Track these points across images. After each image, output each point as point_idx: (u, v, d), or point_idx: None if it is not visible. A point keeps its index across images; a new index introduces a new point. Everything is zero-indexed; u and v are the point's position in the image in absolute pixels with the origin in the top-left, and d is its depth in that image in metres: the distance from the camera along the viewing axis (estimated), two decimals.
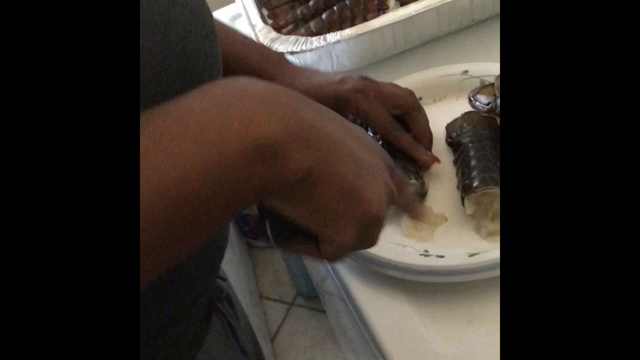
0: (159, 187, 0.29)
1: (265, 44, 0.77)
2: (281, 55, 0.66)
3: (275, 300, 1.73)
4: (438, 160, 0.63)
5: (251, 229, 1.80)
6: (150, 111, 0.31)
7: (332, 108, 0.41)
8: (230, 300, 0.60)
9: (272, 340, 1.62)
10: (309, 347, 1.59)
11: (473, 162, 0.59)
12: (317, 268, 0.73)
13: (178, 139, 0.30)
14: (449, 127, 0.65)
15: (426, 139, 0.63)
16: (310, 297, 1.67)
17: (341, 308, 0.68)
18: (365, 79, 0.61)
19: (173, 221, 0.30)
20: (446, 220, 0.59)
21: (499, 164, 0.59)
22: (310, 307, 1.68)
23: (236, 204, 0.32)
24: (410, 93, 0.62)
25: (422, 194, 0.61)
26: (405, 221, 0.58)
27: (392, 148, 0.61)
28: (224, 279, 0.63)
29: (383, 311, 0.55)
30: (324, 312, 1.61)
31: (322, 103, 0.41)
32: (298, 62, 0.76)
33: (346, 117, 0.56)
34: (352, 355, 0.67)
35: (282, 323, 1.66)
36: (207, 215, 0.31)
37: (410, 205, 0.46)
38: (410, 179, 0.60)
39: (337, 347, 1.54)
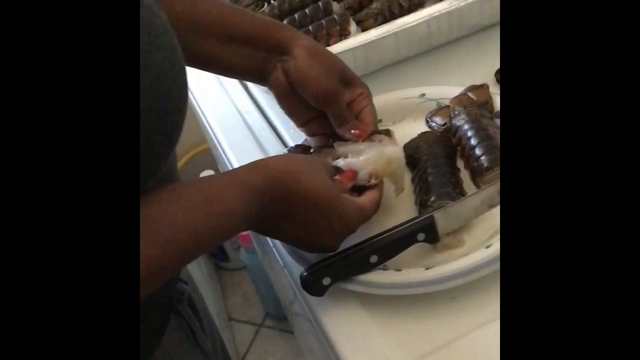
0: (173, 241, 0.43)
1: None
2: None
3: (244, 322, 1.72)
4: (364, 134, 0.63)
5: (220, 250, 1.80)
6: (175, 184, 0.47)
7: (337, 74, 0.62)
8: (192, 302, 0.62)
9: None
10: None
11: (430, 178, 0.62)
12: (285, 289, 0.74)
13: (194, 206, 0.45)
14: (407, 147, 0.68)
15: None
16: (279, 318, 1.67)
17: (308, 328, 0.70)
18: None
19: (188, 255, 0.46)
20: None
21: (453, 180, 0.62)
22: (279, 328, 1.68)
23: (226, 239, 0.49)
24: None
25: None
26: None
27: None
28: (186, 282, 0.64)
29: (344, 327, 0.56)
30: (292, 332, 1.61)
31: (333, 68, 0.62)
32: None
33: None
34: None
35: (250, 345, 1.66)
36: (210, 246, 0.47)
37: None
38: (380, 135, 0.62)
39: None
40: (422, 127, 0.71)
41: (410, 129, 0.70)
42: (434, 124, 0.70)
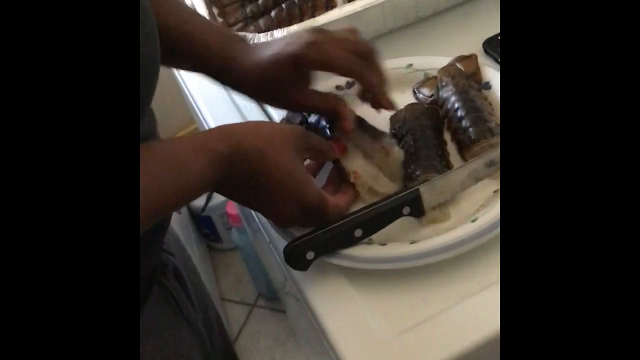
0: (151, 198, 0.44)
1: None
2: (234, 35, 0.67)
3: (236, 302, 1.72)
4: (394, 108, 0.63)
5: (212, 231, 1.79)
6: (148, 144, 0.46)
7: (293, 75, 0.60)
8: (179, 274, 0.61)
9: (234, 342, 1.62)
10: (270, 348, 1.59)
11: (415, 151, 0.61)
12: (275, 269, 0.73)
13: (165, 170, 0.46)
14: (393, 119, 0.67)
15: (386, 83, 0.63)
16: (272, 298, 1.67)
17: (298, 307, 0.69)
18: (316, 31, 0.60)
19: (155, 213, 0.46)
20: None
21: (440, 153, 0.61)
22: (272, 308, 1.68)
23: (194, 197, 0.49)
24: (364, 40, 0.62)
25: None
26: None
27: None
28: (172, 254, 0.63)
29: (330, 302, 0.55)
30: (285, 312, 1.61)
31: (283, 73, 0.59)
32: None
33: (310, 74, 0.61)
34: (311, 353, 0.68)
35: (243, 325, 1.66)
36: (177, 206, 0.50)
37: None
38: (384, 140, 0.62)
39: (298, 347, 1.54)
40: (410, 99, 0.69)
41: (397, 100, 0.69)
42: (421, 96, 0.69)
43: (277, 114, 0.73)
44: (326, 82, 0.68)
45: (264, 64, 0.59)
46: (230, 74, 0.61)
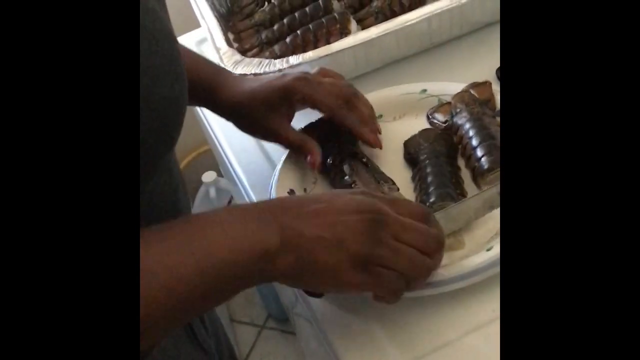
0: (168, 285, 0.39)
1: (229, 66, 0.78)
2: (221, 67, 0.74)
3: (246, 323, 1.72)
4: (380, 146, 0.66)
5: None
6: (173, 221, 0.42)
7: (277, 101, 0.63)
8: None
9: None
10: None
11: (430, 178, 0.61)
12: (287, 291, 0.73)
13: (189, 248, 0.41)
14: (407, 144, 0.67)
15: (372, 122, 0.68)
16: (282, 319, 1.67)
17: (310, 330, 0.69)
18: (305, 73, 0.67)
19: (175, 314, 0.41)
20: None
21: (454, 180, 0.61)
22: (282, 329, 1.67)
23: (233, 294, 0.44)
24: (349, 84, 0.68)
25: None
26: None
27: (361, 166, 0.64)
28: None
29: (345, 328, 0.56)
30: (295, 334, 1.60)
31: (269, 98, 0.63)
32: None
33: (294, 107, 0.65)
34: None
35: (253, 346, 1.65)
36: (208, 305, 0.45)
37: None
38: (385, 185, 0.61)
39: None
40: (423, 124, 0.70)
41: (410, 126, 0.70)
42: (435, 121, 0.69)
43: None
44: None
45: (253, 91, 0.65)
46: (216, 98, 0.66)
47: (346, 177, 0.63)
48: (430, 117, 0.70)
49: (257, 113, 0.64)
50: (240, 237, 0.43)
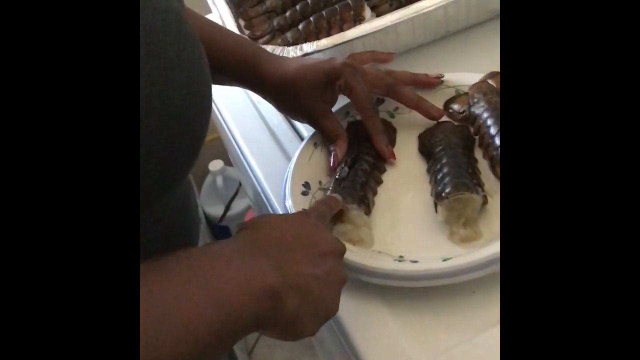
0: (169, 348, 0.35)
1: None
2: (261, 47, 0.71)
3: None
4: (393, 157, 0.65)
5: (226, 236, 1.78)
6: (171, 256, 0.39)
7: (324, 84, 0.64)
8: None
9: (249, 353, 1.61)
10: None
11: (445, 169, 0.60)
12: None
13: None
14: (423, 136, 0.66)
15: (421, 102, 0.67)
16: None
17: None
18: (354, 58, 0.68)
19: None
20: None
21: (470, 171, 0.60)
22: None
23: (237, 338, 0.41)
24: (389, 73, 0.68)
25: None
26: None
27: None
28: None
29: (361, 321, 0.55)
30: None
31: (317, 80, 0.63)
32: None
33: (334, 90, 0.65)
34: None
35: (260, 335, 1.65)
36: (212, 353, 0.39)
37: None
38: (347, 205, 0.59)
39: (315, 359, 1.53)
40: None
41: (426, 118, 0.68)
42: (452, 111, 0.68)
43: (307, 130, 0.73)
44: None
45: (300, 71, 0.64)
46: (259, 76, 0.65)
47: (337, 176, 0.63)
48: (447, 107, 0.69)
49: (304, 93, 0.64)
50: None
